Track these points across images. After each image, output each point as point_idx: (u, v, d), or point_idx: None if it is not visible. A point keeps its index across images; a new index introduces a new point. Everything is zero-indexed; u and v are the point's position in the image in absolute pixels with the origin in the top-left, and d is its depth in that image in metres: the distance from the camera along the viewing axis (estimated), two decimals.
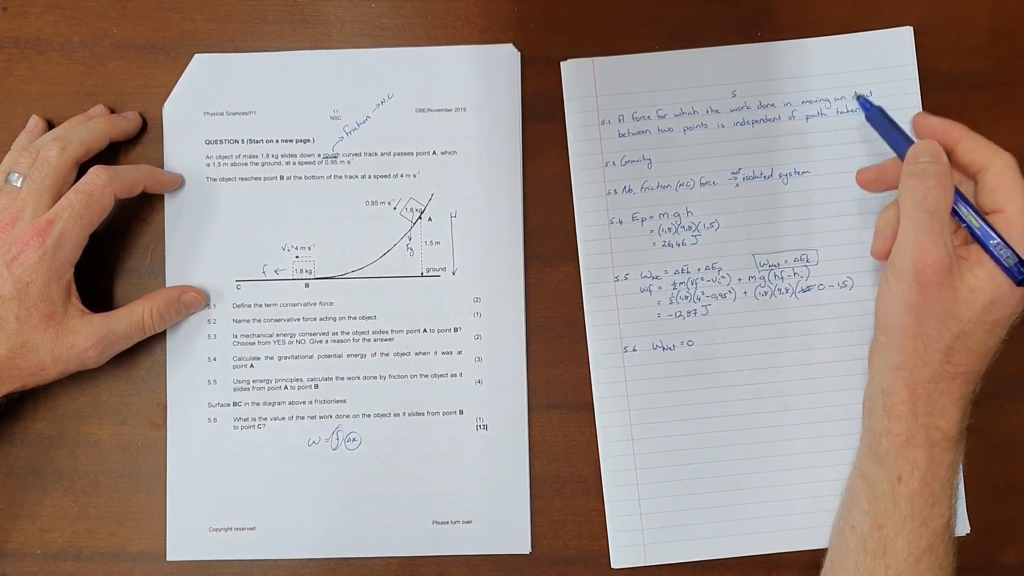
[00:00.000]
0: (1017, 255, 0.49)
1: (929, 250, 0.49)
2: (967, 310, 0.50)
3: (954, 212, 0.51)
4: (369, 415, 0.61)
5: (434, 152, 0.62)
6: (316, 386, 0.61)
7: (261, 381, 0.61)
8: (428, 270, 0.61)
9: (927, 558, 0.51)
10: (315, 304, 0.61)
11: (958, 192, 0.51)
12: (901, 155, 0.54)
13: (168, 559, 0.60)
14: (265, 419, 0.61)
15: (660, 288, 0.61)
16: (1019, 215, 0.50)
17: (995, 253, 0.49)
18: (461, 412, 0.61)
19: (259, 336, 0.61)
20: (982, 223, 0.50)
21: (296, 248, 0.61)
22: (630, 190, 0.61)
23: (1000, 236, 0.50)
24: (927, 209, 0.50)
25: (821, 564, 0.58)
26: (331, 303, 0.61)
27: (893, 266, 0.52)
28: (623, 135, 0.61)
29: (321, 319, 0.61)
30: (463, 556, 0.60)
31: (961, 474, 0.60)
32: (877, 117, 0.57)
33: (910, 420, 0.51)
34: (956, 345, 0.50)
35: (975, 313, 0.50)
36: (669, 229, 0.61)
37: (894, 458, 0.52)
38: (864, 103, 0.58)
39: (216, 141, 0.62)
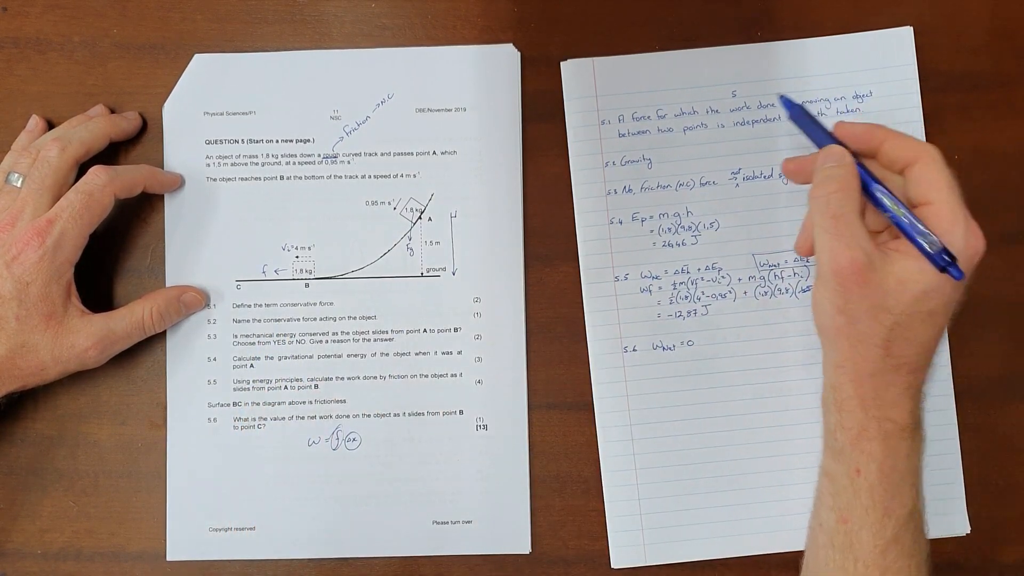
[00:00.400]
0: (940, 243, 0.49)
1: (842, 253, 0.50)
2: (898, 302, 0.50)
3: (878, 205, 0.51)
4: (369, 415, 0.61)
5: (434, 152, 0.62)
6: (316, 386, 0.61)
7: (261, 381, 0.61)
8: (428, 270, 0.61)
9: (893, 548, 0.51)
10: (315, 304, 0.61)
11: (881, 185, 0.51)
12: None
13: (168, 559, 0.60)
14: (265, 419, 0.61)
15: (660, 288, 0.61)
16: (945, 206, 0.50)
17: (918, 241, 0.49)
18: (461, 412, 0.61)
19: (259, 336, 0.61)
20: (906, 213, 0.50)
21: (296, 248, 0.61)
22: (630, 190, 0.61)
23: (923, 225, 0.50)
24: (832, 215, 0.50)
25: None
26: (331, 303, 0.61)
27: (817, 270, 0.52)
28: (623, 135, 0.61)
29: (321, 319, 0.61)
30: (463, 556, 0.60)
31: (960, 472, 0.60)
32: (800, 116, 0.55)
33: (860, 414, 0.51)
34: (892, 337, 0.50)
35: (907, 304, 0.50)
36: (669, 229, 0.61)
37: (850, 451, 0.52)
38: (786, 102, 0.56)
39: (216, 141, 0.62)
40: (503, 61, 0.62)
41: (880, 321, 0.50)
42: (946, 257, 0.48)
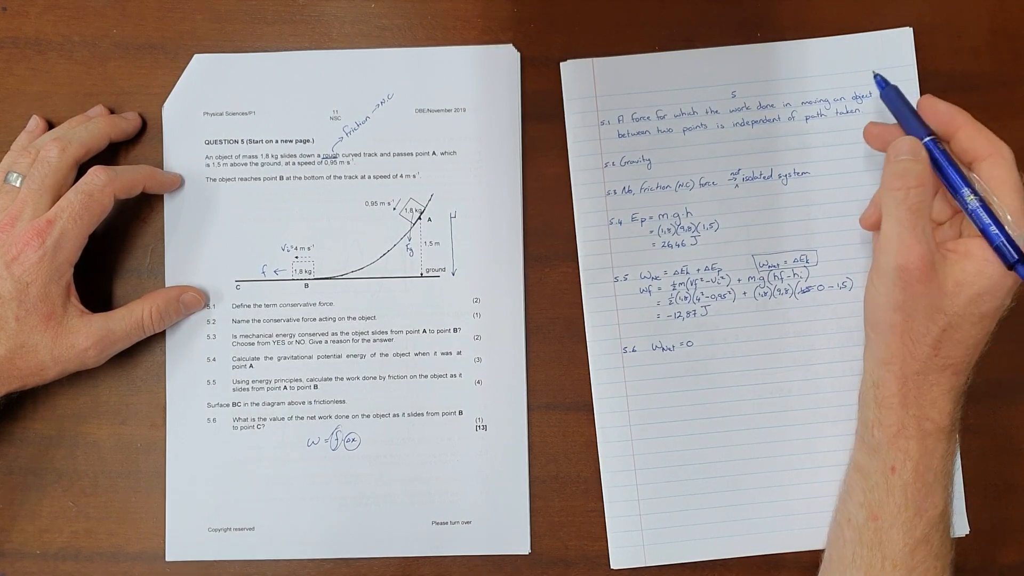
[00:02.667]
0: (1007, 234, 0.49)
1: (912, 247, 0.50)
2: (953, 304, 0.50)
3: (956, 193, 0.52)
4: (368, 415, 0.61)
5: (434, 152, 0.62)
6: (315, 386, 0.61)
7: (260, 381, 0.61)
8: (428, 270, 0.61)
9: (922, 548, 0.51)
10: (315, 304, 0.61)
11: (961, 174, 0.52)
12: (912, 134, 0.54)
13: (167, 559, 0.60)
14: (264, 419, 0.61)
15: (660, 289, 0.61)
16: (1014, 204, 0.50)
17: (993, 233, 0.50)
18: (461, 412, 0.61)
19: (258, 336, 0.61)
20: (982, 205, 0.50)
21: (296, 248, 0.61)
22: (630, 191, 0.61)
23: (1004, 216, 0.50)
24: (909, 207, 0.50)
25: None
26: (331, 303, 0.61)
27: (877, 264, 0.52)
28: (623, 135, 0.61)
29: (321, 319, 0.61)
30: (462, 556, 0.60)
31: (960, 472, 0.60)
32: (892, 97, 0.56)
33: (901, 411, 0.52)
34: (943, 338, 0.51)
35: (961, 306, 0.50)
36: (669, 230, 0.61)
37: (887, 449, 0.52)
38: (880, 81, 0.57)
39: (216, 141, 0.62)
40: (503, 61, 0.62)
41: (935, 321, 0.50)
42: (1015, 255, 0.49)
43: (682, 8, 0.62)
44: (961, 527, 0.60)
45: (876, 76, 0.58)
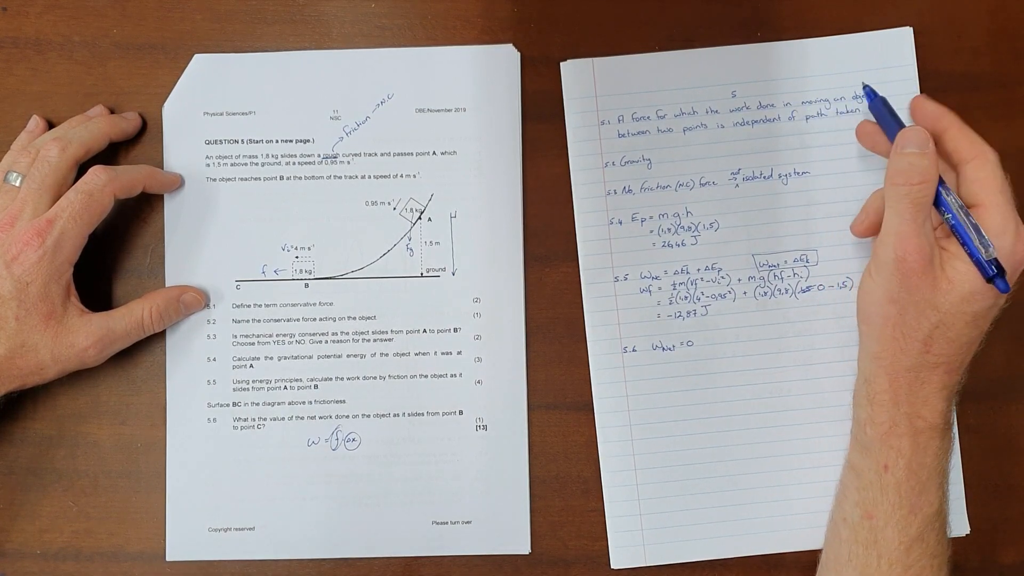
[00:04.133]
0: (994, 253, 0.50)
1: (912, 240, 0.51)
2: (945, 301, 0.51)
3: (940, 205, 0.52)
4: (369, 415, 0.61)
5: (434, 152, 0.62)
6: (316, 386, 0.61)
7: (261, 381, 0.61)
8: (428, 270, 0.61)
9: (918, 546, 0.52)
10: (315, 304, 0.61)
11: (943, 184, 0.52)
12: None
13: (167, 559, 0.60)
14: (265, 419, 0.61)
15: (660, 288, 0.61)
16: (996, 210, 0.51)
17: (973, 248, 0.50)
18: (461, 412, 0.61)
19: (259, 336, 0.61)
20: (966, 219, 0.51)
21: (296, 248, 0.61)
22: (630, 190, 0.61)
23: (978, 231, 0.50)
24: (912, 201, 0.51)
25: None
26: (331, 303, 0.61)
27: (876, 256, 0.53)
28: (623, 135, 0.61)
29: (321, 319, 0.61)
30: (463, 556, 0.60)
31: (960, 472, 0.60)
32: (879, 108, 0.57)
33: (892, 409, 0.52)
34: (934, 335, 0.51)
35: (953, 304, 0.51)
36: (669, 229, 0.61)
37: (879, 447, 0.53)
38: (869, 92, 0.59)
39: (216, 141, 0.62)
40: (503, 61, 0.62)
41: (926, 317, 0.51)
42: (995, 268, 0.49)
43: (682, 8, 0.62)
44: (961, 527, 0.60)
45: (865, 87, 0.59)
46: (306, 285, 0.61)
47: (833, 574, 0.55)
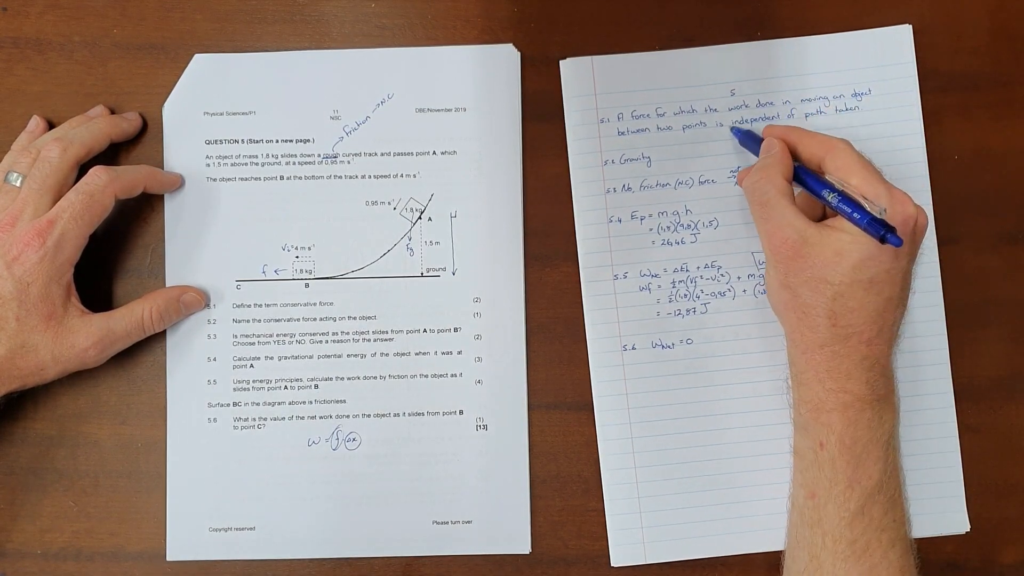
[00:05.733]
0: (870, 214, 0.51)
1: (774, 232, 0.54)
2: (835, 272, 0.52)
3: (816, 194, 0.54)
4: (369, 415, 0.61)
5: (434, 152, 0.62)
6: (316, 386, 0.61)
7: (261, 381, 0.61)
8: (428, 270, 0.61)
9: (860, 521, 0.52)
10: (315, 304, 0.61)
11: (812, 175, 0.55)
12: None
13: (168, 559, 0.60)
14: (265, 419, 0.61)
15: (659, 287, 0.61)
16: (863, 182, 0.52)
17: (853, 219, 0.52)
18: (461, 412, 0.61)
19: (259, 336, 0.61)
20: (845, 189, 0.53)
21: (296, 248, 0.61)
22: (629, 188, 0.61)
23: (858, 198, 0.52)
24: (759, 202, 0.55)
25: None
26: (331, 303, 0.61)
27: (764, 253, 0.56)
28: (622, 133, 0.61)
29: (321, 319, 0.61)
30: (463, 556, 0.60)
31: (960, 471, 0.60)
32: (743, 137, 0.60)
33: (817, 386, 0.53)
34: (836, 308, 0.52)
35: (844, 274, 0.52)
36: (668, 227, 0.61)
37: (813, 425, 0.53)
38: (736, 131, 0.61)
39: (216, 141, 0.62)
40: (503, 61, 0.62)
41: (821, 292, 0.52)
42: (883, 228, 0.50)
43: (682, 7, 0.62)
44: (961, 527, 0.60)
45: (733, 129, 0.61)
46: (306, 285, 0.61)
47: (790, 561, 0.56)
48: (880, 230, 0.50)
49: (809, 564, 0.53)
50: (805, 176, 0.55)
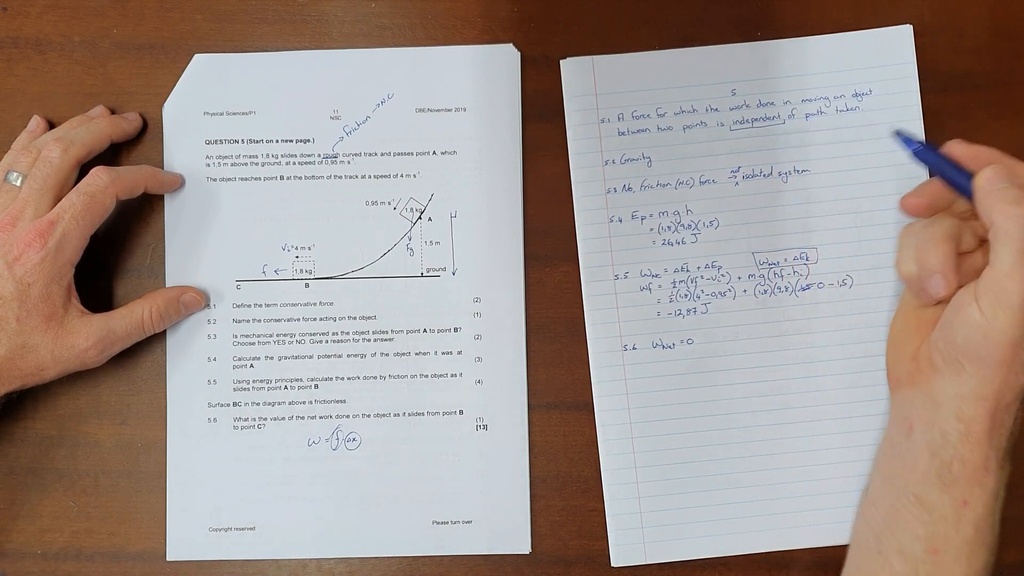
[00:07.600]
0: None
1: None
2: None
3: (959, 188, 0.50)
4: (369, 415, 0.61)
5: (434, 152, 0.62)
6: (316, 386, 0.61)
7: (261, 381, 0.61)
8: (428, 270, 0.61)
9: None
10: (315, 304, 0.61)
11: (953, 165, 0.50)
12: (960, 187, 0.50)
13: (168, 559, 0.60)
14: (265, 419, 0.61)
15: (660, 287, 0.61)
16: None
17: None
18: (461, 412, 0.61)
19: (259, 336, 0.61)
20: None
21: (296, 248, 0.61)
22: (630, 188, 0.61)
23: None
24: None
25: (821, 562, 0.58)
26: (331, 303, 0.61)
27: (991, 297, 0.47)
28: (623, 133, 0.61)
29: (321, 319, 0.61)
30: (463, 556, 0.60)
31: None
32: (926, 153, 0.52)
33: (987, 446, 0.49)
34: None
35: None
36: (669, 227, 0.61)
37: (965, 483, 0.50)
38: (906, 140, 0.52)
39: (216, 141, 0.62)
40: (503, 61, 0.62)
41: None
42: None
43: (682, 6, 0.62)
44: None
45: (898, 133, 0.53)
46: (306, 285, 0.61)
47: None
48: None
49: None
50: (948, 169, 0.49)
